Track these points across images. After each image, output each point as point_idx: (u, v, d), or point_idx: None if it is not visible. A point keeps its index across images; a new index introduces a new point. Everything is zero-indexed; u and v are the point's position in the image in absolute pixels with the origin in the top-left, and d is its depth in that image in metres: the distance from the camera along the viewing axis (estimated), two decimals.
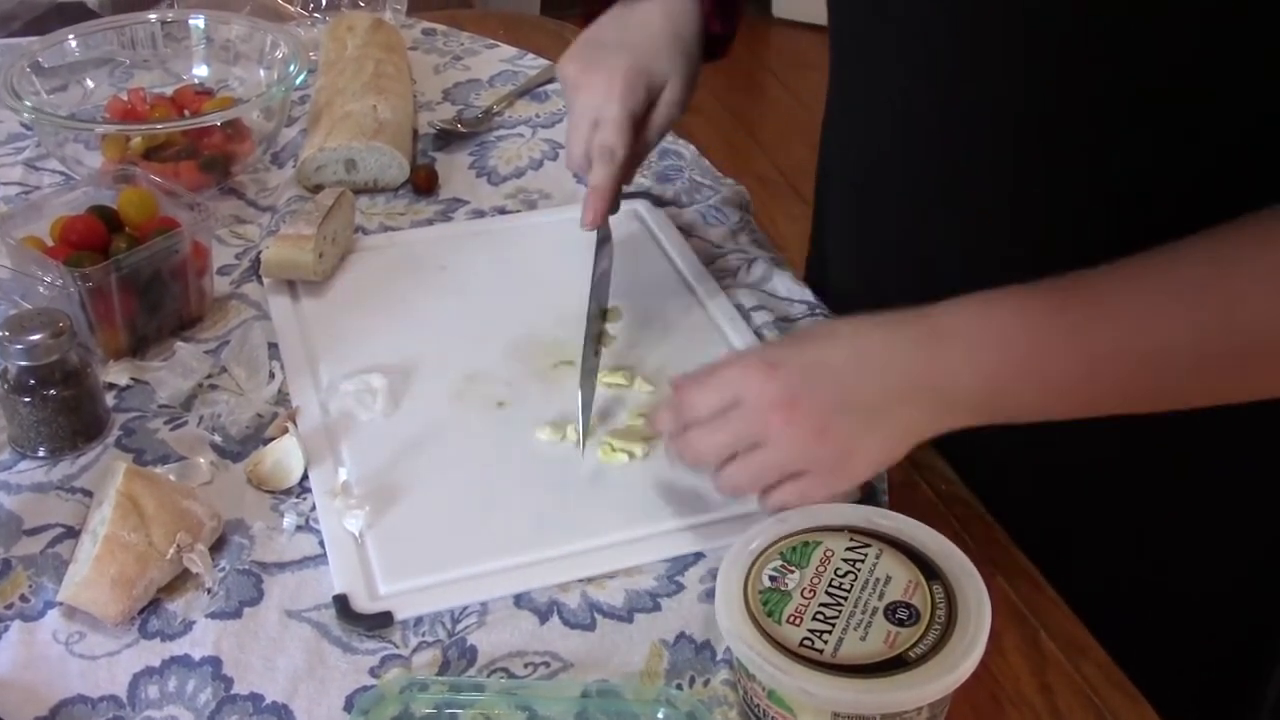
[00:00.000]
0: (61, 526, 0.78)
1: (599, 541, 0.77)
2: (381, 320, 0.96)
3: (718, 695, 0.68)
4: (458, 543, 0.77)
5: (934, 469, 0.85)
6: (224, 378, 0.90)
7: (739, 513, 0.78)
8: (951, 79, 0.77)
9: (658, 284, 1.01)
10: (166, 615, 0.72)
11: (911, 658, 0.62)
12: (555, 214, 1.10)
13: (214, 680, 0.68)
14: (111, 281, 0.88)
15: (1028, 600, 0.75)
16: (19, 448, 0.83)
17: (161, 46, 1.26)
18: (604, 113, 0.88)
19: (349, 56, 1.25)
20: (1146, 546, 0.87)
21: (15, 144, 1.20)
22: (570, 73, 0.91)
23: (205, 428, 0.86)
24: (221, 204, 1.11)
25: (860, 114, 0.90)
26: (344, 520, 0.77)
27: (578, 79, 0.90)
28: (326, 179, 1.12)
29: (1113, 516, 0.87)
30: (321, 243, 0.97)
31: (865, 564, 0.67)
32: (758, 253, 1.05)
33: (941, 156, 0.82)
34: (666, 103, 0.91)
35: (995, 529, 0.80)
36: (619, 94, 0.87)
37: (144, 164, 1.06)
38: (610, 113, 0.88)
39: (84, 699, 0.67)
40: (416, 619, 0.72)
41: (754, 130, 3.40)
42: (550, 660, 0.70)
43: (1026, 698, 0.69)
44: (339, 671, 0.69)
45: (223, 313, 0.97)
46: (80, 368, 0.82)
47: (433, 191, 1.14)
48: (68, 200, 0.96)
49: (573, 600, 0.74)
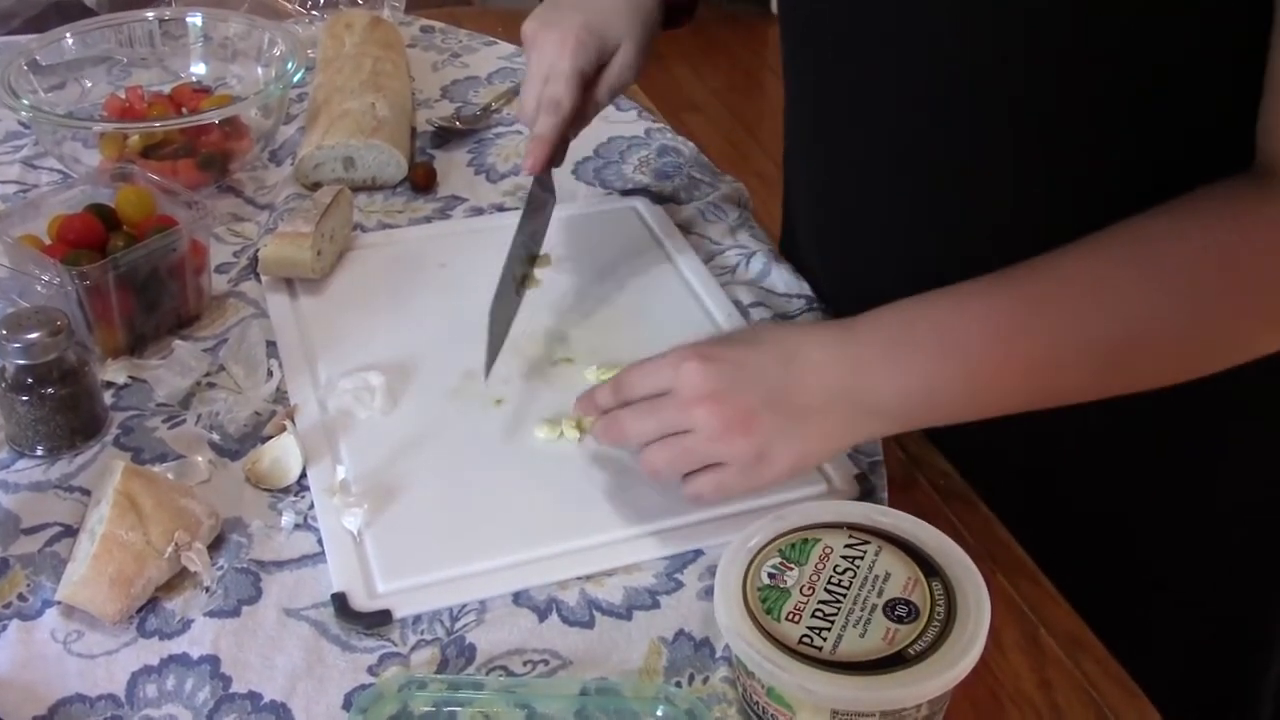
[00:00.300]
0: (59, 525, 0.78)
1: (598, 539, 0.77)
2: (380, 318, 0.96)
3: (717, 693, 0.68)
4: (456, 540, 0.77)
5: (933, 465, 0.85)
6: (222, 376, 0.90)
7: (738, 510, 0.78)
8: (950, 78, 0.77)
9: (656, 281, 1.01)
10: (165, 614, 0.72)
11: (911, 655, 0.61)
12: (554, 211, 1.10)
13: (212, 679, 0.68)
14: (109, 280, 0.88)
15: (1027, 596, 0.75)
16: (17, 446, 0.83)
17: (159, 44, 1.25)
18: (555, 68, 0.91)
19: (347, 54, 1.25)
20: (1139, 536, 0.87)
21: (13, 142, 1.20)
22: (528, 30, 0.94)
23: (203, 426, 0.85)
24: (219, 202, 1.11)
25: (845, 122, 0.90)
26: (342, 518, 0.77)
27: (534, 36, 0.94)
28: (325, 177, 1.12)
29: (1106, 503, 0.87)
30: (319, 240, 0.97)
31: (864, 561, 0.67)
32: (756, 249, 1.04)
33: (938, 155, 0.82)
34: (619, 65, 0.94)
35: (994, 525, 0.80)
36: (570, 50, 0.91)
37: (142, 162, 1.06)
38: (561, 68, 0.91)
39: (82, 698, 0.67)
40: (415, 617, 0.72)
41: (753, 128, 3.41)
42: (549, 658, 0.70)
43: (1026, 694, 0.69)
44: (337, 670, 0.69)
45: (221, 311, 0.97)
46: (78, 366, 0.82)
47: (431, 189, 1.14)
48: (65, 199, 0.96)
49: (571, 598, 0.73)
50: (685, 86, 3.64)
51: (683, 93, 3.59)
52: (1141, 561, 0.88)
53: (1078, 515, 0.87)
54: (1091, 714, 0.68)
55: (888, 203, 0.87)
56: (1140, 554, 0.88)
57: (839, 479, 0.81)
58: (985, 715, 0.68)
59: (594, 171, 1.17)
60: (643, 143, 1.21)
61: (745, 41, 3.93)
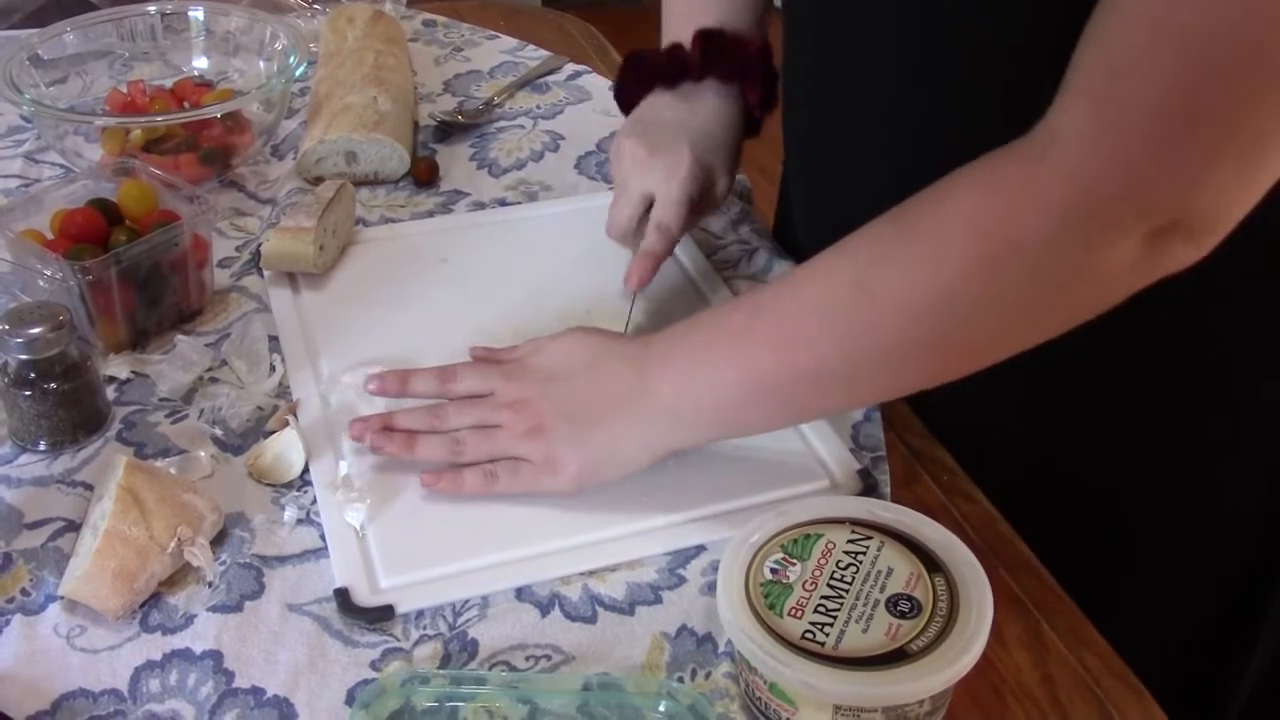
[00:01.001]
0: (62, 520, 0.78)
1: (600, 535, 0.77)
2: (382, 312, 0.96)
3: (719, 688, 0.68)
4: (458, 536, 0.77)
5: (935, 460, 0.85)
6: (224, 371, 0.90)
7: (740, 506, 0.78)
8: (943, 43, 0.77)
9: (659, 275, 1.00)
10: (167, 609, 0.72)
11: (913, 650, 0.61)
12: (556, 205, 1.10)
13: (215, 674, 0.68)
14: (111, 275, 0.88)
15: (1029, 592, 0.75)
16: (19, 441, 0.83)
17: (161, 38, 1.25)
18: (665, 192, 0.91)
19: (349, 48, 1.25)
20: (1139, 529, 0.87)
21: (15, 137, 1.20)
22: (630, 148, 0.93)
23: (206, 421, 0.85)
24: (221, 196, 1.11)
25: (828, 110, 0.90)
26: (345, 513, 0.77)
27: (638, 154, 0.92)
28: (327, 171, 1.12)
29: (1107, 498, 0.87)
30: (322, 235, 0.97)
31: (867, 556, 0.67)
32: (759, 243, 1.04)
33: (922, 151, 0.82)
34: (715, 199, 0.95)
35: (997, 521, 0.80)
36: (683, 178, 0.90)
37: (144, 156, 1.06)
38: (673, 193, 0.90)
39: (85, 692, 0.67)
40: (417, 612, 0.72)
41: None
42: (551, 653, 0.70)
43: (1028, 689, 0.69)
44: (340, 665, 0.69)
45: (223, 305, 0.97)
46: (80, 361, 0.82)
47: (433, 183, 1.14)
48: (67, 193, 0.96)
49: (574, 593, 0.73)
50: None
51: None
52: (1138, 553, 0.88)
53: (1080, 511, 0.87)
54: (1094, 709, 0.68)
55: (872, 161, 0.87)
56: (1139, 548, 0.88)
57: (841, 474, 0.81)
58: (988, 711, 0.68)
59: (596, 165, 1.16)
60: None
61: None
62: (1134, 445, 0.85)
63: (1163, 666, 0.75)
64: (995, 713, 0.68)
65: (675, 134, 0.92)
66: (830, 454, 0.82)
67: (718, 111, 0.95)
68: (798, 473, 0.81)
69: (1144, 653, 0.73)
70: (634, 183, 0.92)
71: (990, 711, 0.68)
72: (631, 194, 0.92)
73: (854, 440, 0.84)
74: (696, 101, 0.96)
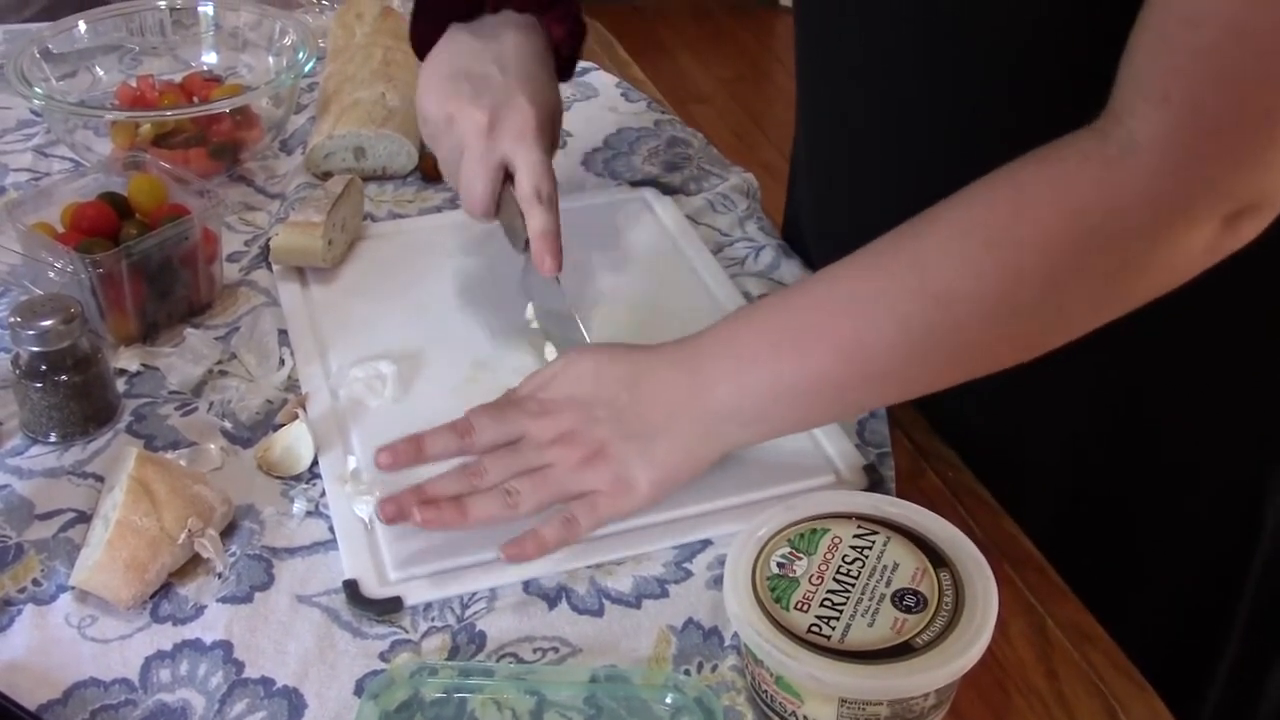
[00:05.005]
0: (73, 511, 0.78)
1: (607, 528, 0.77)
2: (390, 307, 0.96)
3: (725, 681, 0.68)
4: (467, 529, 0.77)
5: (941, 457, 0.85)
6: (234, 364, 0.90)
7: (747, 501, 0.78)
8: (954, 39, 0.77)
9: (664, 272, 1.01)
10: (178, 599, 0.73)
11: (918, 644, 0.62)
12: (563, 202, 1.10)
13: (225, 664, 0.69)
14: (122, 268, 0.88)
15: (1034, 588, 0.75)
16: (31, 433, 0.84)
17: (170, 33, 1.26)
18: (526, 158, 0.84)
19: (357, 44, 1.25)
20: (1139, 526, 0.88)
21: (25, 130, 1.21)
22: (452, 109, 0.86)
23: (215, 414, 0.86)
24: (231, 191, 1.11)
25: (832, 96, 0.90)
26: (354, 506, 0.78)
27: (474, 118, 0.85)
28: (335, 166, 1.12)
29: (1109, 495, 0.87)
30: (330, 230, 0.98)
31: (873, 551, 0.67)
32: (765, 240, 1.05)
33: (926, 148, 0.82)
34: (557, 139, 0.90)
35: (1002, 517, 0.80)
36: (533, 137, 0.85)
37: (153, 151, 1.06)
38: (535, 158, 0.85)
39: (96, 682, 0.68)
40: (426, 604, 0.73)
41: (760, 119, 3.40)
42: (559, 645, 0.70)
43: (1033, 684, 0.70)
44: (349, 656, 0.70)
45: (232, 299, 0.97)
46: (91, 353, 0.83)
47: (441, 179, 1.14)
48: (78, 187, 0.97)
49: (581, 586, 0.74)
50: (691, 77, 3.63)
51: (688, 84, 3.58)
52: (1139, 549, 0.88)
53: (1084, 508, 0.87)
54: (1098, 704, 0.69)
55: (884, 165, 0.87)
56: (1139, 544, 0.88)
57: (847, 470, 0.81)
58: (992, 705, 0.68)
59: (603, 162, 1.17)
60: (652, 134, 1.21)
61: (752, 31, 3.93)
62: (1139, 442, 0.85)
63: (1167, 662, 0.76)
64: (999, 707, 0.68)
65: (501, 86, 0.85)
66: (836, 450, 0.83)
67: (525, 47, 0.88)
68: (804, 468, 0.81)
69: (1148, 648, 0.73)
70: (479, 151, 0.85)
71: (995, 705, 0.68)
72: (482, 164, 0.85)
73: (860, 436, 0.85)
74: (501, 41, 0.88)
